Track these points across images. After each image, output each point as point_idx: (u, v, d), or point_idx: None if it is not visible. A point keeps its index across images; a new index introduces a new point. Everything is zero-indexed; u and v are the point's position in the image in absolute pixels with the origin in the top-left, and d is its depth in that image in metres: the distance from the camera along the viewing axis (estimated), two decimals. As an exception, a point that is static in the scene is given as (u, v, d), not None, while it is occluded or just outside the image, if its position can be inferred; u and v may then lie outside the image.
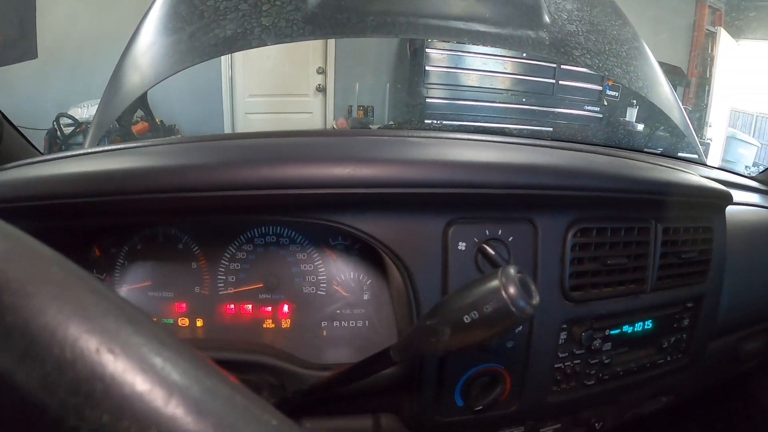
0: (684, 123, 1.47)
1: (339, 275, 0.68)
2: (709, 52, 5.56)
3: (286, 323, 0.68)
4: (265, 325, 0.68)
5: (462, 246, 0.60)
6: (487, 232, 0.61)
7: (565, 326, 0.67)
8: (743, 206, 1.01)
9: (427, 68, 3.87)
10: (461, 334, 0.41)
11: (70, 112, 2.97)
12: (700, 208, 0.79)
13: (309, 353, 0.65)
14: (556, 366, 0.68)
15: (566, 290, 0.65)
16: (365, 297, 0.68)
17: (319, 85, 4.12)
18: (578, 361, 0.69)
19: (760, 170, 1.26)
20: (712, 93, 5.41)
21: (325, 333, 0.67)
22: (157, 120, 3.29)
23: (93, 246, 0.68)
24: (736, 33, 5.55)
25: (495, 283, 0.40)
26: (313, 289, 0.68)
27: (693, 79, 5.52)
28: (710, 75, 5.49)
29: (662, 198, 0.71)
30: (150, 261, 0.69)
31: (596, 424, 0.77)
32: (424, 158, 0.61)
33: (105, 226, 0.68)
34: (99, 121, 1.32)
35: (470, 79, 3.98)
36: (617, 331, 0.72)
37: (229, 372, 0.56)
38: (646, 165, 0.78)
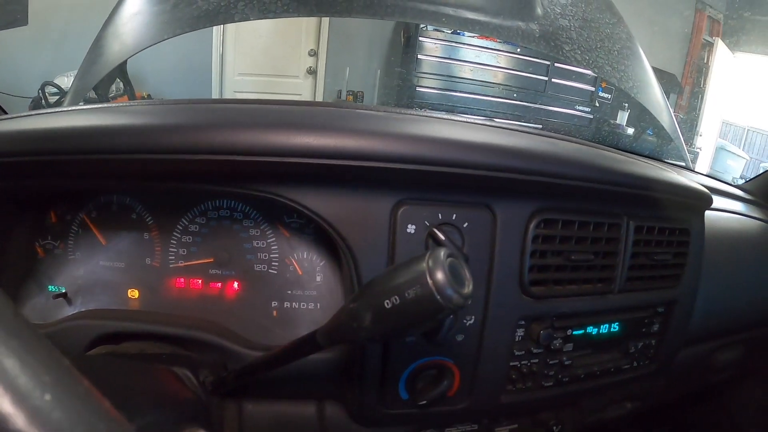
0: (672, 127, 1.45)
1: (292, 254, 0.65)
2: (705, 61, 5.57)
3: (235, 300, 0.65)
4: (213, 302, 0.64)
5: (411, 229, 0.56)
6: (439, 215, 0.57)
7: (522, 323, 0.64)
8: (726, 213, 0.99)
9: (419, 57, 3.85)
10: (382, 320, 0.38)
11: (56, 81, 2.91)
12: (677, 208, 0.76)
13: (256, 333, 0.62)
14: (511, 364, 0.65)
15: (525, 284, 0.62)
16: (318, 279, 0.65)
17: (310, 67, 4.10)
18: (536, 360, 0.66)
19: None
20: (704, 103, 5.43)
21: (275, 313, 0.64)
22: (145, 94, 3.24)
23: (50, 211, 0.66)
24: (733, 45, 5.56)
25: (421, 266, 0.36)
26: (264, 267, 0.65)
27: (686, 88, 5.53)
28: (704, 85, 5.51)
29: (636, 193, 0.67)
30: (103, 230, 0.66)
31: (555, 427, 0.74)
32: (371, 129, 0.56)
33: (59, 191, 0.65)
34: (76, 88, 1.31)
35: (462, 71, 3.96)
36: (580, 332, 0.69)
37: (174, 347, 0.52)
38: (622, 158, 0.74)
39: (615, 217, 0.68)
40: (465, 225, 0.58)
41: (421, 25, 3.85)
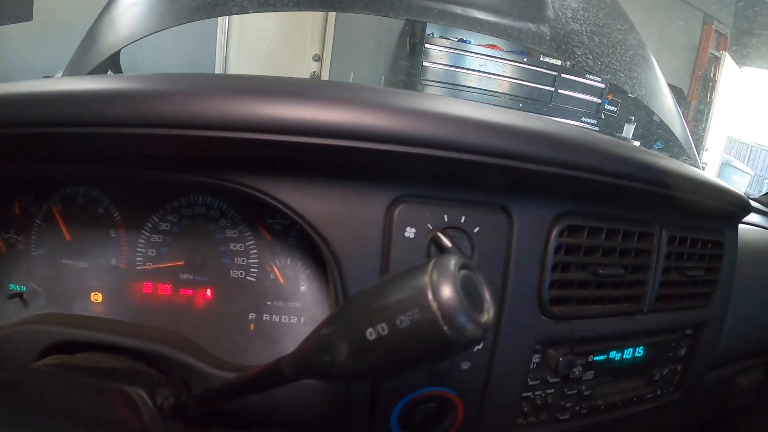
0: (685, 137, 1.40)
1: (274, 260, 0.56)
2: (711, 76, 5.57)
3: (207, 310, 0.56)
4: (182, 311, 0.56)
5: (410, 233, 0.47)
6: (445, 217, 0.48)
7: (539, 347, 0.55)
8: (748, 225, 0.92)
9: (425, 64, 3.82)
10: (363, 356, 0.27)
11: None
12: (712, 217, 0.68)
13: (229, 350, 0.54)
14: (524, 395, 0.56)
15: (544, 303, 0.53)
16: (302, 288, 0.56)
17: (314, 72, 4.08)
18: (552, 390, 0.57)
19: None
20: (711, 117, 5.43)
21: (252, 327, 0.56)
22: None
23: (14, 202, 0.59)
24: (741, 59, 5.56)
25: (422, 280, 0.25)
26: (242, 273, 0.56)
27: (693, 102, 5.51)
28: (710, 99, 5.52)
29: (674, 195, 0.57)
30: (68, 224, 0.58)
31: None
32: (363, 100, 0.44)
33: (23, 179, 0.58)
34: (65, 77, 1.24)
35: (468, 80, 3.94)
36: (602, 358, 0.60)
37: (134, 361, 0.44)
38: (659, 154, 0.63)
39: (647, 225, 0.59)
40: (476, 230, 0.49)
41: (428, 32, 3.82)
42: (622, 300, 0.59)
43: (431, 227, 0.48)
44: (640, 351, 0.64)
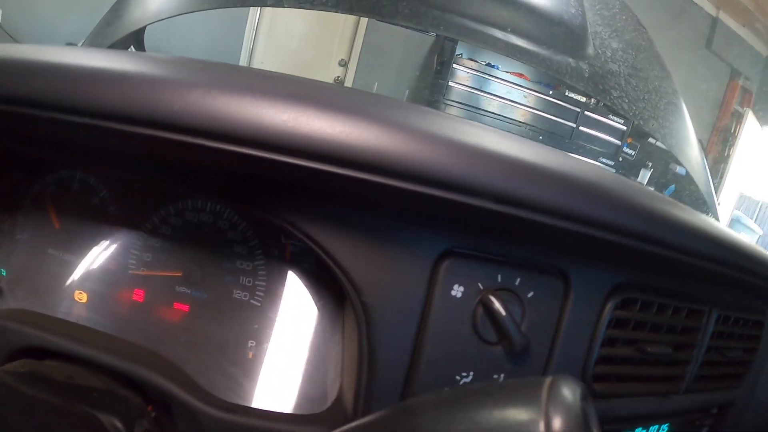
0: (708, 191, 1.36)
1: (284, 285, 0.50)
2: (732, 131, 5.54)
3: (200, 333, 0.49)
4: (173, 329, 0.49)
5: (457, 291, 0.41)
6: (499, 277, 0.42)
7: None
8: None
9: (450, 84, 3.77)
10: None
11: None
12: (758, 295, 0.62)
13: (221, 383, 0.48)
14: None
15: (587, 379, 0.46)
16: (313, 322, 0.50)
17: (338, 77, 4.07)
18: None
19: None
20: (727, 173, 5.39)
21: (251, 355, 0.49)
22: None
23: (4, 177, 0.54)
24: (764, 117, 5.54)
25: (528, 415, 0.19)
26: (245, 296, 0.49)
27: (710, 155, 5.47)
28: (728, 154, 5.49)
29: (728, 273, 0.51)
30: (59, 211, 0.52)
31: None
32: (424, 132, 0.35)
33: (13, 155, 0.53)
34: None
35: (491, 105, 3.90)
36: (628, 436, 0.54)
37: (111, 381, 0.37)
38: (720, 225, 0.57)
39: (697, 302, 0.54)
40: (529, 294, 0.43)
41: (457, 52, 3.78)
42: (660, 379, 0.54)
43: (482, 287, 0.42)
44: (664, 429, 0.58)
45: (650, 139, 4.46)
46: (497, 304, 0.40)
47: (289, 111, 0.32)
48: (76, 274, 0.52)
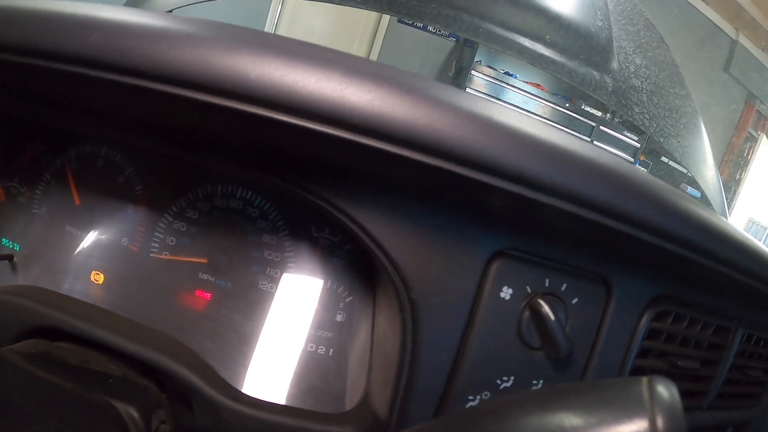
0: (723, 213, 1.34)
1: (312, 279, 0.48)
2: (745, 155, 5.52)
3: (223, 323, 0.48)
4: (194, 318, 0.48)
5: (506, 293, 0.40)
6: (546, 281, 0.41)
7: None
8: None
9: (467, 89, 3.75)
10: None
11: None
12: None
13: (240, 372, 0.46)
14: None
15: None
16: (338, 318, 0.48)
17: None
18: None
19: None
20: (737, 196, 5.37)
21: (274, 348, 0.48)
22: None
23: (24, 149, 0.52)
24: (778, 144, 5.52)
25: (631, 415, 0.18)
26: (272, 287, 0.48)
27: (721, 177, 5.45)
28: (740, 177, 5.46)
29: (763, 289, 0.50)
30: (80, 187, 0.51)
31: None
32: (495, 120, 0.33)
33: (41, 122, 0.51)
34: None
35: (507, 114, 3.86)
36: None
37: (128, 369, 0.35)
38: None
39: (726, 319, 0.53)
40: (574, 301, 0.42)
41: (476, 59, 3.77)
42: (684, 394, 0.53)
43: (530, 291, 0.41)
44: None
45: (663, 158, 4.44)
46: (546, 308, 0.39)
47: (373, 91, 0.31)
48: (94, 254, 0.50)
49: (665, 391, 0.19)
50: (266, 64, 0.30)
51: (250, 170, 0.40)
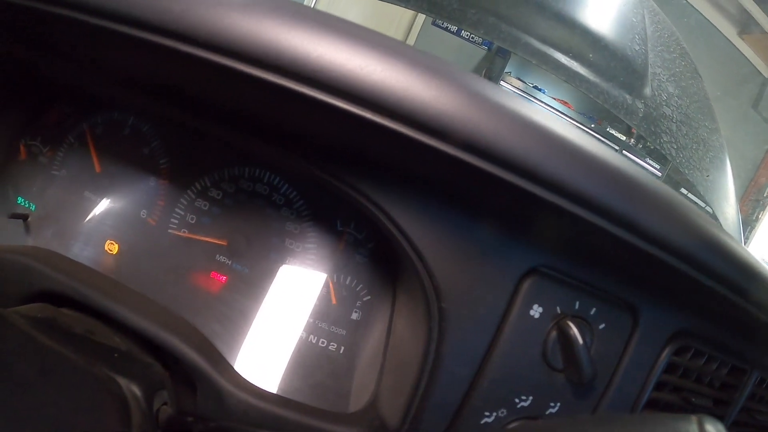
0: None
1: (331, 274, 0.47)
2: (765, 194, 5.47)
3: (236, 308, 0.47)
4: (207, 300, 0.47)
5: (536, 311, 0.39)
6: (576, 303, 0.40)
7: None
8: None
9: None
10: None
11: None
12: None
13: (250, 363, 0.45)
14: None
15: None
16: (354, 316, 0.47)
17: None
18: None
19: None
20: (753, 237, 5.31)
21: (286, 340, 0.47)
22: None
23: (49, 109, 0.52)
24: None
25: None
26: (289, 278, 0.47)
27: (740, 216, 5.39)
28: (758, 218, 5.40)
29: None
30: (101, 154, 0.50)
31: None
32: (541, 125, 0.31)
33: (70, 83, 0.49)
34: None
35: (531, 128, 3.84)
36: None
37: (132, 344, 0.33)
38: None
39: (741, 360, 0.51)
40: (601, 326, 0.40)
41: (506, 70, 3.74)
42: None
43: (560, 311, 0.39)
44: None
45: (682, 189, 4.40)
46: (575, 331, 0.38)
47: (439, 88, 0.29)
48: (111, 223, 0.49)
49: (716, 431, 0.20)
50: (327, 44, 0.29)
51: (291, 156, 0.38)
